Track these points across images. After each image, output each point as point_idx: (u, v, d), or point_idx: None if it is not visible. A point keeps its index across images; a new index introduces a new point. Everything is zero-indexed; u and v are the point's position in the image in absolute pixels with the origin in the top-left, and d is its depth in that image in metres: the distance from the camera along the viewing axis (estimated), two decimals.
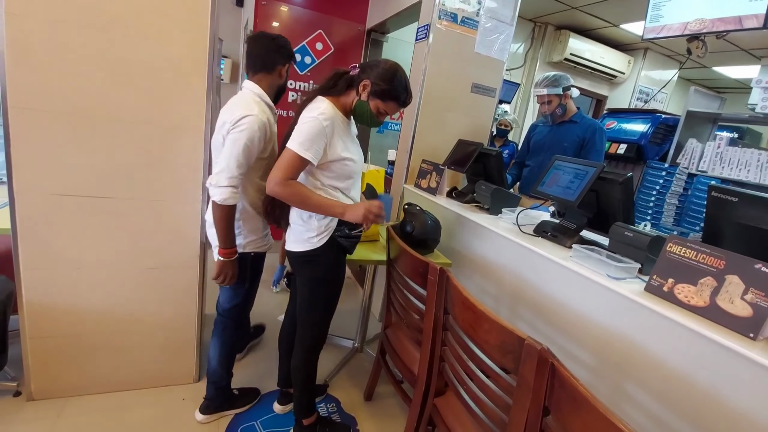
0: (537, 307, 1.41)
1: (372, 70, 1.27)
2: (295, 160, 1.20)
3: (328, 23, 3.23)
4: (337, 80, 1.32)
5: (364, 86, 1.27)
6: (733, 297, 0.91)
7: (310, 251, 1.33)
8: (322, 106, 1.25)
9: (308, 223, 1.33)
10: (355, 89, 1.30)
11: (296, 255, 1.37)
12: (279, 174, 1.20)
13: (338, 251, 1.39)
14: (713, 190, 1.09)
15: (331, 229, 1.33)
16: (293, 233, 1.38)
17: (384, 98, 1.27)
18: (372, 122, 1.32)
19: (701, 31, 2.52)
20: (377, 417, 1.75)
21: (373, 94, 1.27)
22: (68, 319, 1.51)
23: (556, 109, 2.30)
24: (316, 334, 1.47)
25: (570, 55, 4.39)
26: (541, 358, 0.80)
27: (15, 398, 1.54)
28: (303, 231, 1.34)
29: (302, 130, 1.21)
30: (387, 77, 1.26)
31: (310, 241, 1.33)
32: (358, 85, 1.28)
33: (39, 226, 1.40)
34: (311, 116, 1.22)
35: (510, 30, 2.44)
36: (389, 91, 1.26)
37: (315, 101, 1.29)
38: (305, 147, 1.19)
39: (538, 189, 1.56)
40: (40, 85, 1.30)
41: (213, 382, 1.58)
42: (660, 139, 3.07)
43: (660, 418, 1.00)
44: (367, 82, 1.26)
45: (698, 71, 5.06)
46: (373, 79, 1.26)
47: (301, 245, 1.35)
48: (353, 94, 1.30)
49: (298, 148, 1.19)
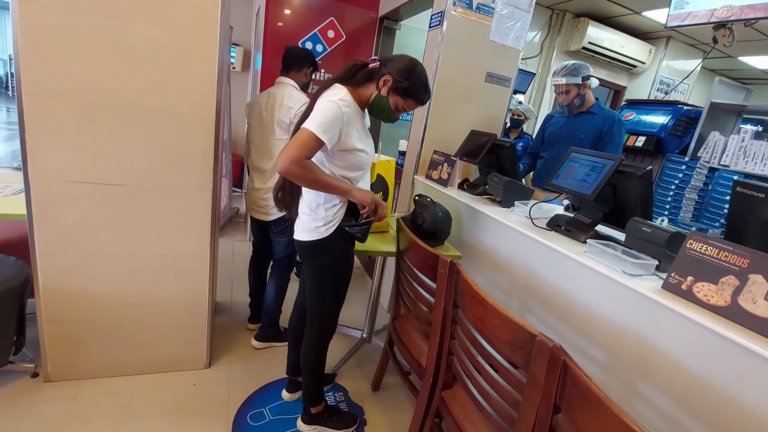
0: (548, 302, 1.38)
1: (394, 66, 1.26)
2: (312, 140, 1.17)
3: (340, 10, 3.19)
4: (357, 71, 1.30)
5: (385, 81, 1.26)
6: (756, 297, 0.88)
7: (317, 241, 1.33)
8: (341, 93, 1.24)
9: (315, 213, 1.32)
10: (375, 83, 1.29)
11: (304, 244, 1.37)
12: (295, 152, 1.16)
13: (346, 241, 1.38)
14: (739, 185, 1.05)
15: (339, 218, 1.33)
16: (300, 223, 1.38)
17: (405, 95, 1.27)
18: (389, 117, 1.32)
19: (729, 18, 2.41)
20: (384, 407, 1.76)
21: (393, 90, 1.26)
22: (83, 303, 1.54)
23: (574, 100, 2.23)
24: (324, 324, 1.47)
25: (588, 44, 4.26)
26: (552, 355, 0.78)
27: (33, 379, 1.59)
28: (310, 220, 1.33)
29: (321, 112, 1.19)
30: (409, 74, 1.25)
31: (318, 230, 1.32)
32: (379, 79, 1.27)
33: (54, 212, 1.42)
34: (331, 100, 1.21)
35: (527, 17, 2.37)
36: (410, 88, 1.26)
37: (333, 87, 1.28)
38: (323, 129, 1.18)
39: (552, 182, 1.53)
40: (54, 71, 1.31)
41: (267, 314, 2.00)
42: (681, 131, 2.97)
43: (675, 419, 0.97)
44: (388, 77, 1.25)
45: (723, 61, 4.88)
46: (395, 75, 1.25)
47: (308, 235, 1.34)
48: (372, 88, 1.29)
49: (316, 129, 1.17)
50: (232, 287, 2.59)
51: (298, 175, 1.19)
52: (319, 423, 1.56)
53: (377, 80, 1.28)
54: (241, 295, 2.50)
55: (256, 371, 1.84)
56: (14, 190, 1.72)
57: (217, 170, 1.58)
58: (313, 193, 1.32)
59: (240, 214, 3.98)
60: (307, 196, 1.35)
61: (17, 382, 1.56)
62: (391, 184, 1.88)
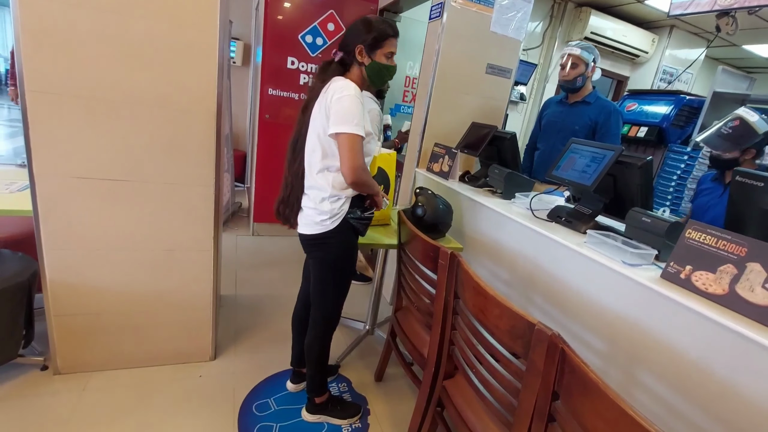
0: (549, 293, 1.39)
1: (353, 36, 1.31)
2: (358, 142, 1.22)
3: (339, 3, 3.16)
4: (327, 68, 1.34)
5: (359, 51, 1.30)
6: (753, 285, 0.89)
7: (322, 234, 1.34)
8: (349, 84, 1.25)
9: (321, 206, 1.33)
10: (354, 63, 1.32)
11: (308, 238, 1.39)
12: (358, 160, 1.22)
13: (350, 233, 1.39)
14: (738, 174, 1.05)
15: (344, 211, 1.34)
16: (305, 217, 1.39)
17: (379, 43, 1.31)
18: (390, 72, 1.36)
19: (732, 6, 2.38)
20: (387, 397, 1.79)
21: (369, 48, 1.30)
22: (90, 297, 1.57)
23: (577, 78, 2.19)
24: (328, 316, 1.49)
25: (591, 34, 4.22)
26: (551, 343, 0.80)
27: (42, 372, 1.62)
28: (315, 214, 1.35)
29: (347, 110, 1.21)
30: (367, 28, 1.30)
31: (323, 223, 1.34)
32: (354, 56, 1.31)
33: (59, 208, 1.44)
34: (348, 95, 1.22)
35: (528, 7, 2.35)
36: (378, 35, 1.30)
37: (335, 81, 1.29)
38: (360, 126, 1.22)
39: (553, 173, 1.53)
40: (56, 68, 1.31)
41: None
42: (683, 121, 2.96)
43: (673, 406, 0.99)
44: (359, 46, 1.29)
45: (727, 50, 4.82)
46: (360, 40, 1.29)
47: (313, 228, 1.36)
48: (356, 69, 1.33)
49: (356, 130, 1.21)
50: (236, 281, 2.61)
51: (365, 180, 1.28)
52: (324, 412, 1.59)
53: (354, 58, 1.31)
54: (245, 288, 2.53)
55: (260, 363, 1.86)
56: (20, 186, 1.74)
57: (219, 165, 1.59)
58: (317, 188, 1.34)
59: (243, 209, 4.00)
60: (311, 191, 1.36)
61: (27, 375, 1.59)
62: (392, 177, 1.89)
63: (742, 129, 1.63)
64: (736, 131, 1.63)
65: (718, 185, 1.81)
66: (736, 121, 1.65)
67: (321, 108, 1.28)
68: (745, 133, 1.62)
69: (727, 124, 1.67)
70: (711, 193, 1.83)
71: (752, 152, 1.65)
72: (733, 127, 1.65)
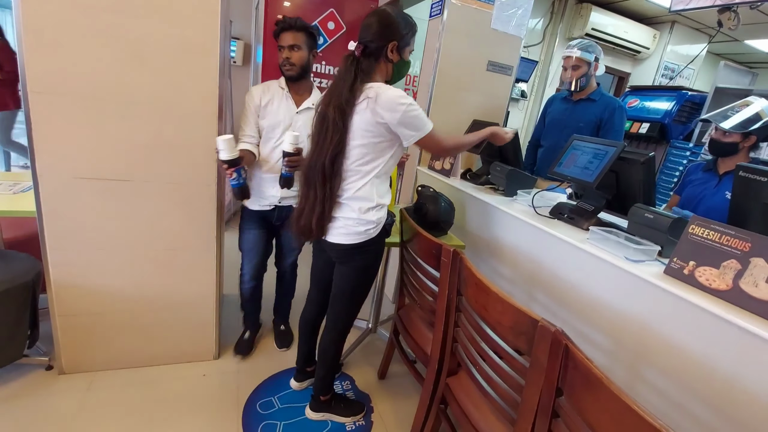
0: (552, 290, 1.39)
1: (389, 30, 1.26)
2: (436, 131, 1.29)
3: (340, 1, 3.16)
4: (355, 67, 1.25)
5: (392, 48, 1.27)
6: (757, 280, 0.89)
7: (365, 242, 1.33)
8: (397, 90, 1.22)
9: (366, 216, 1.29)
10: (382, 59, 1.28)
11: (347, 247, 1.33)
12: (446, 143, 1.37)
13: (384, 237, 1.41)
14: (741, 169, 1.05)
15: (384, 218, 1.36)
16: (343, 227, 1.31)
17: (410, 40, 1.32)
18: (408, 68, 1.37)
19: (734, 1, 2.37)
20: (391, 395, 1.79)
21: (402, 46, 1.29)
22: (94, 297, 1.57)
23: (580, 78, 2.17)
24: (350, 320, 1.50)
25: (592, 30, 4.20)
26: (555, 339, 0.80)
27: (47, 372, 1.62)
28: (355, 224, 1.30)
29: (418, 115, 1.23)
30: (405, 23, 1.28)
31: (367, 232, 1.32)
32: (384, 52, 1.27)
33: (62, 208, 1.44)
34: (408, 102, 1.20)
35: (528, 4, 2.35)
36: (411, 33, 1.31)
37: (379, 88, 1.21)
38: (428, 119, 1.27)
39: (555, 170, 1.53)
40: (58, 69, 1.32)
41: None
42: (685, 117, 2.95)
43: (678, 402, 0.99)
44: (393, 42, 1.26)
45: (728, 45, 4.79)
46: (396, 37, 1.27)
47: (355, 238, 1.31)
48: (383, 64, 1.29)
49: (430, 125, 1.27)
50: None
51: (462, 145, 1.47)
52: (327, 410, 1.59)
53: (384, 54, 1.27)
54: None
55: (264, 362, 1.87)
56: (23, 187, 1.75)
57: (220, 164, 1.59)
58: (362, 199, 1.28)
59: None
60: (352, 202, 1.29)
61: (32, 375, 1.60)
62: (394, 175, 1.89)
63: (750, 112, 1.64)
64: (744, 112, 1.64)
65: (712, 175, 1.77)
66: (745, 105, 1.66)
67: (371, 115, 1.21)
68: (752, 116, 1.62)
69: (735, 108, 1.68)
70: (704, 184, 1.79)
71: (752, 139, 1.64)
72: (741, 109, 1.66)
